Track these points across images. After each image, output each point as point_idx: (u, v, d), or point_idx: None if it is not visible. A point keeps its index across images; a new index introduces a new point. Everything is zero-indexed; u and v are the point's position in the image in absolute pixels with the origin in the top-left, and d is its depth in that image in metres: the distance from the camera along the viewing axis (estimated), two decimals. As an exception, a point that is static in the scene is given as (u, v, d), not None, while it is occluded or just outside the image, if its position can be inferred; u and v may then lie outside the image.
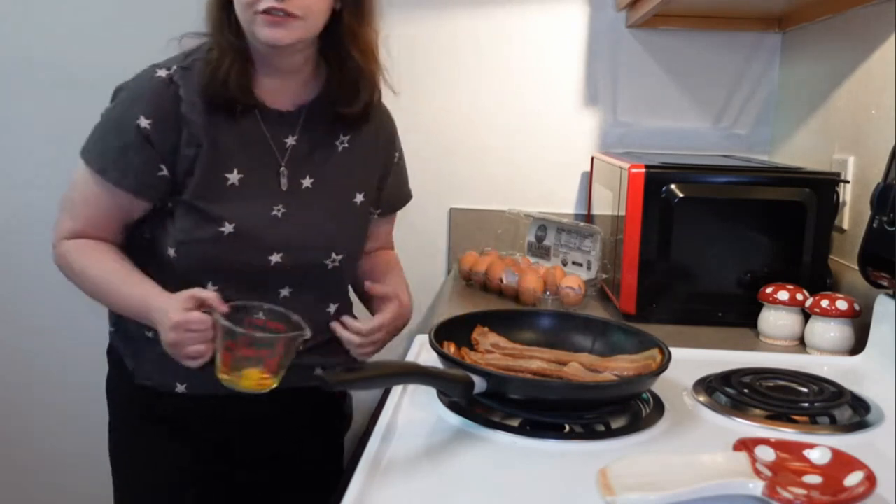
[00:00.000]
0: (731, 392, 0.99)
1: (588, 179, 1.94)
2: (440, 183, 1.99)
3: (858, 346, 1.23)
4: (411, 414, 0.94)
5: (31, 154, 2.04)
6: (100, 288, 1.16)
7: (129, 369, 1.23)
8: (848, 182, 1.45)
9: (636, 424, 0.91)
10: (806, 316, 1.31)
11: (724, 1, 1.72)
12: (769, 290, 1.33)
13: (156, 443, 1.25)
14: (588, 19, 1.91)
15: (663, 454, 0.83)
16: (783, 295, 1.32)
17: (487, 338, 1.08)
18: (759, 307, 1.35)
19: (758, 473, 0.73)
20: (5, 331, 2.13)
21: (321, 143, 1.22)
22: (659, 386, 0.97)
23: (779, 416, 0.94)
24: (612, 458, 0.77)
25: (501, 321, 1.11)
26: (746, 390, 0.99)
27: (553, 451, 0.85)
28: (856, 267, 1.21)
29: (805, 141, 1.71)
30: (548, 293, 1.54)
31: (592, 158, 1.89)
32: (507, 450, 0.85)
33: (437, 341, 0.98)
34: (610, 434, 0.89)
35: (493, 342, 1.07)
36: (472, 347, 1.06)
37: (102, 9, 1.99)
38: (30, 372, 2.16)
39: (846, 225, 1.46)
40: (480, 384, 0.88)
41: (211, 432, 1.25)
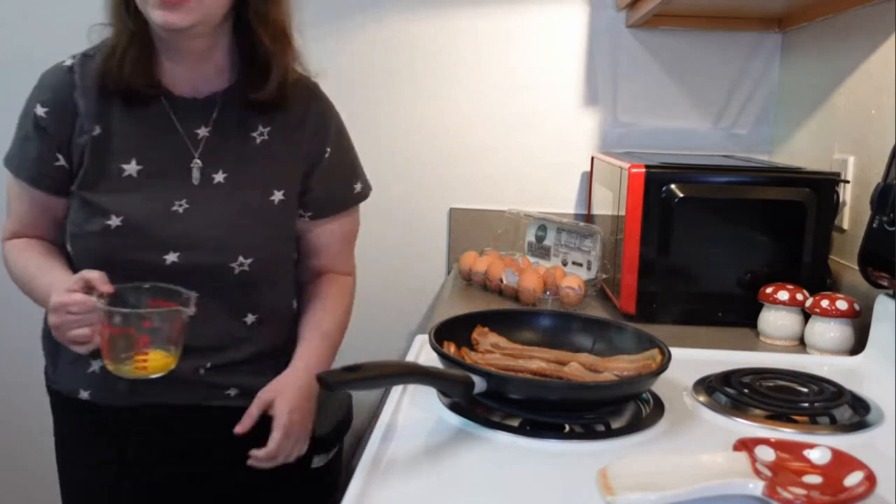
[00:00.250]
0: (731, 392, 0.99)
1: (588, 179, 1.94)
2: (440, 183, 1.99)
3: (858, 346, 1.23)
4: (411, 414, 0.94)
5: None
6: (24, 284, 1.12)
7: (46, 372, 1.21)
8: (848, 182, 1.45)
9: (636, 424, 0.91)
10: (806, 316, 1.31)
11: (724, 1, 1.72)
12: (769, 290, 1.33)
13: (78, 449, 1.21)
14: (588, 19, 1.91)
15: (663, 454, 0.83)
16: (783, 295, 1.32)
17: (487, 338, 1.08)
18: (759, 307, 1.35)
19: (758, 473, 0.73)
20: (4, 332, 2.13)
21: (236, 135, 1.13)
22: (659, 386, 0.97)
23: (779, 416, 0.94)
24: (612, 458, 0.77)
25: (501, 321, 1.11)
26: (746, 390, 0.99)
27: (553, 451, 0.85)
28: (856, 267, 1.21)
29: (805, 141, 1.71)
30: (548, 293, 1.54)
31: (592, 158, 1.89)
32: (507, 450, 0.85)
33: (437, 341, 0.98)
34: (610, 434, 0.89)
35: (493, 342, 1.07)
36: (472, 347, 1.06)
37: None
38: (28, 372, 2.16)
39: (846, 225, 1.46)
40: (480, 384, 0.88)
41: (120, 443, 1.17)
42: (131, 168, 1.09)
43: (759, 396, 0.98)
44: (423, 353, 1.14)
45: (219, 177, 1.12)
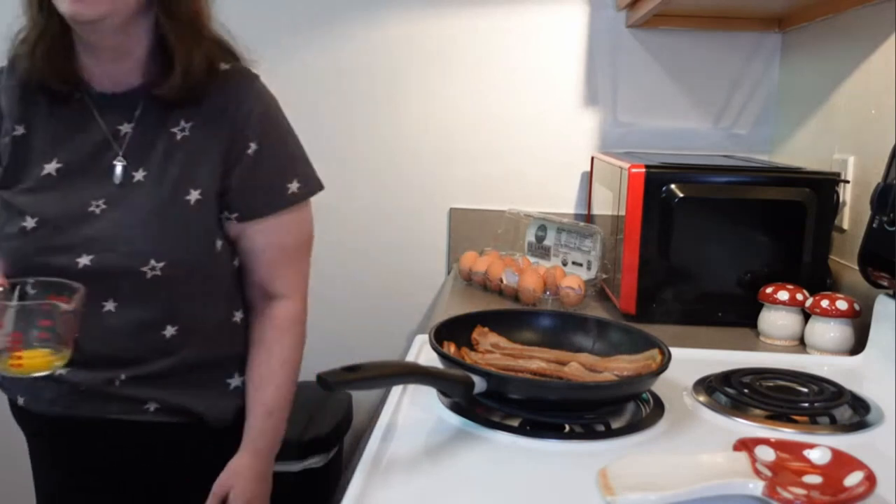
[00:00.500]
0: (731, 392, 0.99)
1: (588, 179, 1.94)
2: (440, 183, 1.99)
3: (858, 346, 1.23)
4: (411, 414, 0.94)
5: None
6: None
7: None
8: (848, 182, 1.45)
9: (636, 424, 0.91)
10: (806, 316, 1.31)
11: (724, 1, 1.72)
12: (769, 290, 1.33)
13: (35, 455, 1.19)
14: (588, 19, 1.91)
15: (663, 454, 0.83)
16: (783, 295, 1.32)
17: (487, 338, 1.08)
18: (759, 307, 1.35)
19: (758, 473, 0.73)
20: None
21: (158, 131, 1.07)
22: (659, 386, 0.97)
23: (779, 416, 0.94)
24: (612, 458, 0.77)
25: (501, 321, 1.11)
26: (746, 390, 0.99)
27: (553, 451, 0.85)
28: (856, 267, 1.21)
29: (805, 141, 1.71)
30: (548, 293, 1.54)
31: (592, 158, 1.89)
32: (507, 450, 0.85)
33: (437, 341, 0.98)
34: (610, 434, 0.89)
35: (493, 342, 1.07)
36: (472, 347, 1.06)
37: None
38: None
39: (846, 225, 1.46)
40: (480, 384, 0.88)
41: (56, 454, 1.13)
42: (51, 167, 1.05)
43: (759, 396, 0.98)
44: (423, 353, 1.14)
45: (139, 175, 1.06)
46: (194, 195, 1.06)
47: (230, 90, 1.09)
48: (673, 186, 1.39)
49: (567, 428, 0.91)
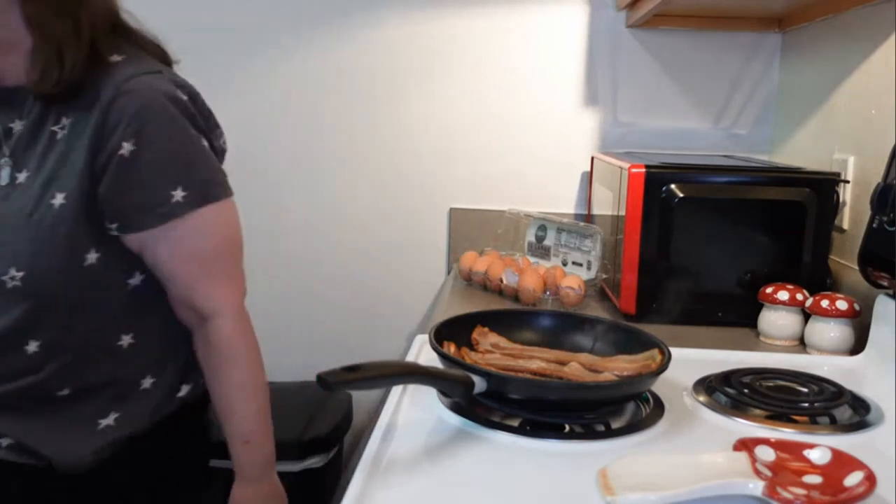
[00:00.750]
0: (731, 392, 0.99)
1: (588, 179, 1.94)
2: (440, 183, 1.99)
3: (858, 346, 1.23)
4: (411, 414, 0.94)
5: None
6: None
7: None
8: (848, 182, 1.45)
9: (636, 424, 0.91)
10: (806, 316, 1.31)
11: (724, 1, 1.72)
12: (769, 290, 1.33)
13: None
14: (588, 19, 1.91)
15: (663, 454, 0.83)
16: (783, 295, 1.32)
17: (487, 338, 1.08)
18: (759, 307, 1.35)
19: (758, 473, 0.73)
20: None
21: (42, 129, 0.99)
22: (659, 386, 0.97)
23: (779, 416, 0.94)
24: (612, 458, 0.77)
25: (501, 321, 1.11)
26: (746, 390, 0.99)
27: (553, 451, 0.85)
28: (856, 267, 1.21)
29: (805, 141, 1.71)
30: (548, 293, 1.54)
31: (592, 158, 1.89)
32: (507, 450, 0.85)
33: (437, 341, 0.98)
34: (610, 434, 0.89)
35: (493, 342, 1.07)
36: (472, 347, 1.06)
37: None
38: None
39: (846, 225, 1.46)
40: (480, 384, 0.88)
41: None
42: None
43: (759, 396, 0.98)
44: (423, 353, 1.14)
45: (21, 177, 0.99)
46: (59, 199, 0.96)
47: (108, 83, 0.97)
48: (673, 186, 1.39)
49: (567, 428, 0.91)
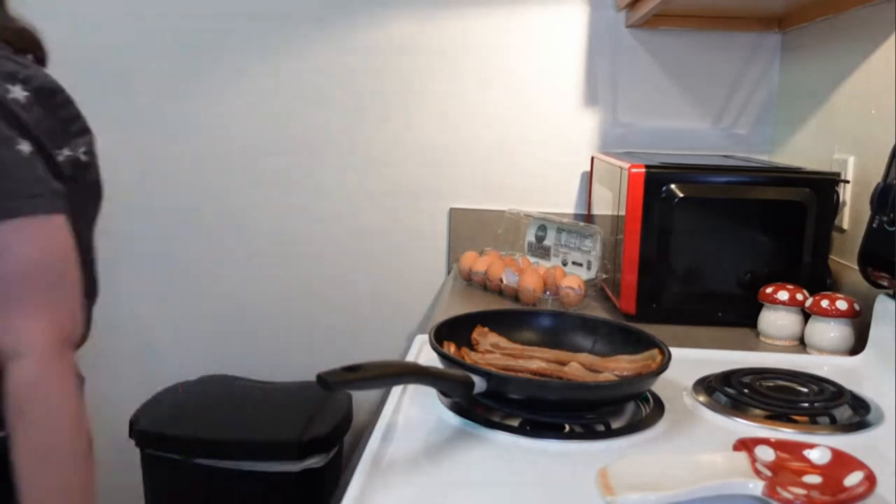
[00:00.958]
0: (731, 392, 0.99)
1: (588, 179, 1.94)
2: (440, 183, 1.99)
3: (858, 346, 1.23)
4: (411, 414, 0.94)
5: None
6: None
7: None
8: (848, 182, 1.45)
9: (636, 424, 0.91)
10: (806, 316, 1.31)
11: (724, 1, 1.72)
12: (769, 290, 1.33)
13: None
14: (588, 19, 1.91)
15: (663, 454, 0.83)
16: (783, 295, 1.32)
17: (487, 338, 1.08)
18: (759, 307, 1.35)
19: (758, 473, 0.73)
20: None
21: None
22: (659, 386, 0.97)
23: (779, 416, 0.94)
24: (612, 458, 0.77)
25: (501, 321, 1.11)
26: (746, 390, 0.99)
27: (553, 451, 0.85)
28: (856, 267, 1.21)
29: (805, 141, 1.71)
30: (548, 293, 1.54)
31: (592, 158, 1.89)
32: (507, 450, 0.85)
33: (437, 341, 0.98)
34: (610, 434, 0.89)
35: (493, 342, 1.07)
36: (472, 347, 1.06)
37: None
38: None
39: (846, 225, 1.46)
40: (480, 384, 0.88)
41: None
42: None
43: (759, 396, 0.98)
44: (423, 353, 1.14)
45: None
46: None
47: None
48: (673, 186, 1.39)
49: (567, 428, 0.91)
